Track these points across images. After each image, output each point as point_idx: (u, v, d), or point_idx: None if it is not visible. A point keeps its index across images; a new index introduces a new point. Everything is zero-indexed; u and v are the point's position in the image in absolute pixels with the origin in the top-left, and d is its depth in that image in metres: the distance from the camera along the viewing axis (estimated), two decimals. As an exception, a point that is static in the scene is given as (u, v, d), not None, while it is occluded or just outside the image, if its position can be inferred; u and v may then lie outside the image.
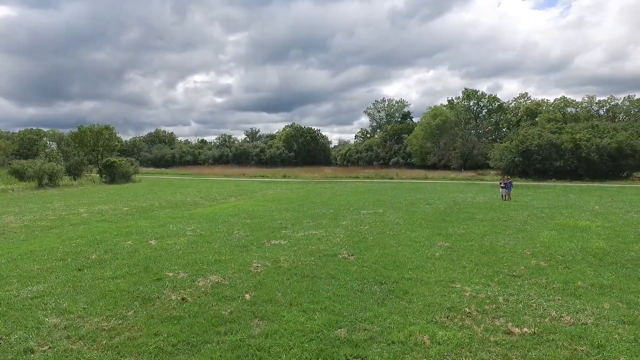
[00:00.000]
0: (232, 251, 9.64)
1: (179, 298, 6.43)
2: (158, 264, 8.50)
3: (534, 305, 6.08)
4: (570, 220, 14.01)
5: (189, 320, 5.59)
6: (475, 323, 5.44)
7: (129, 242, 10.68)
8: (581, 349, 4.69)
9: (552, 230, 12.27)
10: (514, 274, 7.70)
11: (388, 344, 4.86)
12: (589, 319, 5.54)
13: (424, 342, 4.89)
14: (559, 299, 6.31)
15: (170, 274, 7.73)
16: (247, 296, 6.50)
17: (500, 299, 6.35)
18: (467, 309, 5.90)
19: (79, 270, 8.10)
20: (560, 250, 9.54)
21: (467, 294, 6.57)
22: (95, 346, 4.84)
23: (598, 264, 8.39)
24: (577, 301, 6.23)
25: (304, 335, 5.09)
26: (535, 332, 5.12)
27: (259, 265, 8.35)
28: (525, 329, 5.20)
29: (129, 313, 5.84)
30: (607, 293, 6.60)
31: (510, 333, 5.11)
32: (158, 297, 6.48)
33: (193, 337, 5.06)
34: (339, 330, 5.24)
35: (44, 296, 6.54)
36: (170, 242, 10.67)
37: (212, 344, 4.89)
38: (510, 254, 9.28)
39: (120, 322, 5.54)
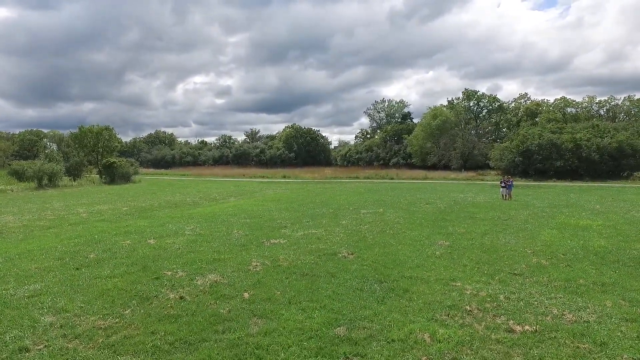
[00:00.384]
0: (231, 250, 9.58)
1: (177, 297, 6.36)
2: (156, 263, 8.44)
3: (536, 303, 6.01)
4: (571, 219, 13.95)
5: (186, 318, 5.53)
6: (476, 321, 5.37)
7: (128, 242, 10.62)
8: (584, 346, 4.63)
9: (553, 229, 12.21)
10: (515, 272, 7.64)
11: (388, 342, 4.80)
12: (591, 316, 5.48)
13: (425, 340, 4.82)
14: (560, 297, 6.25)
15: (169, 273, 7.67)
16: (246, 295, 6.44)
17: (502, 297, 6.28)
18: (467, 307, 5.84)
19: (77, 269, 8.04)
20: (561, 249, 9.48)
21: (468, 292, 6.51)
22: (91, 345, 4.78)
23: (600, 262, 8.33)
24: (579, 299, 6.16)
25: (302, 334, 5.03)
26: (537, 330, 5.06)
27: (258, 264, 8.29)
28: (527, 327, 5.13)
29: (126, 312, 5.78)
30: (609, 291, 6.54)
31: (511, 331, 5.05)
32: (156, 296, 6.42)
33: (191, 336, 5.00)
34: (338, 328, 5.18)
35: (40, 295, 6.48)
36: (169, 242, 10.61)
37: (209, 343, 4.83)
38: (511, 252, 9.22)
39: (117, 320, 5.47)
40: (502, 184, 22.06)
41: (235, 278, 7.35)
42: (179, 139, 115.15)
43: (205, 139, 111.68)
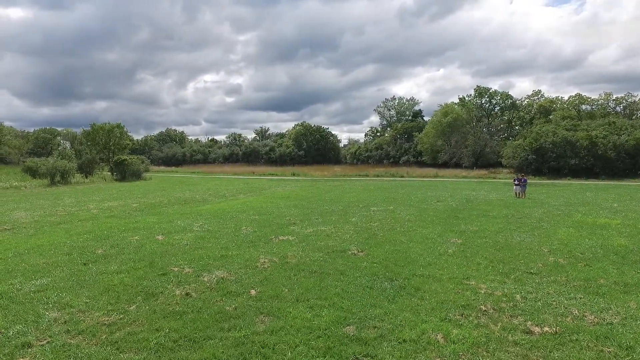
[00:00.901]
0: (239, 247, 9.46)
1: (183, 293, 6.25)
2: (164, 259, 8.35)
3: (554, 303, 5.75)
4: (588, 218, 13.53)
5: (192, 315, 5.40)
6: (492, 321, 5.14)
7: (136, 238, 10.58)
8: (608, 350, 4.37)
9: (569, 227, 11.84)
10: (531, 271, 7.36)
11: (399, 342, 4.60)
12: (615, 318, 5.19)
13: (438, 341, 4.61)
14: (580, 298, 5.97)
15: (176, 269, 7.57)
16: (253, 292, 6.29)
17: (518, 296, 6.03)
18: (482, 307, 5.60)
19: (84, 264, 7.99)
20: (579, 248, 9.14)
21: (482, 292, 6.27)
22: (94, 341, 4.67)
23: (620, 261, 7.99)
24: (601, 300, 5.87)
25: (310, 332, 4.86)
26: (557, 331, 4.80)
27: (266, 260, 8.14)
28: (546, 329, 4.88)
29: (131, 308, 5.68)
30: (632, 292, 6.23)
31: (529, 332, 4.80)
32: (162, 292, 6.31)
33: (195, 333, 4.86)
34: (348, 327, 4.99)
35: (46, 290, 6.42)
36: (177, 238, 10.54)
37: (214, 340, 4.69)
38: (526, 251, 8.93)
39: (121, 316, 5.37)
40: (516, 182, 21.61)
41: (243, 275, 7.21)
42: (190, 137, 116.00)
43: (216, 137, 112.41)
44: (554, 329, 4.87)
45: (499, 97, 66.27)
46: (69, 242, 10.07)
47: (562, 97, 64.67)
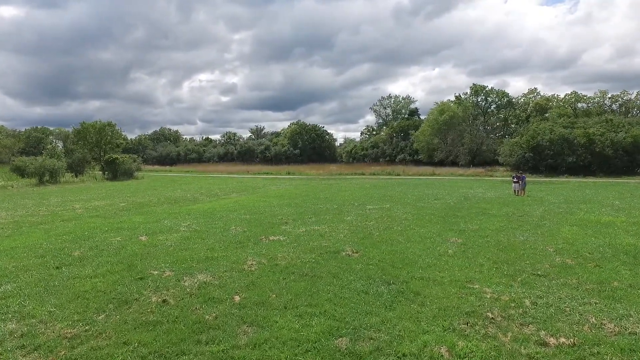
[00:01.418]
0: (226, 248, 8.88)
1: (159, 300, 5.67)
2: (144, 262, 7.76)
3: (568, 309, 5.23)
4: (591, 216, 13.07)
5: (166, 326, 4.83)
6: (501, 331, 4.61)
7: (118, 238, 9.97)
8: (635, 365, 3.85)
9: (573, 225, 11.37)
10: (539, 273, 6.85)
11: (398, 357, 4.07)
12: (637, 327, 4.67)
13: (442, 355, 4.08)
14: (595, 303, 5.45)
15: (155, 273, 6.99)
16: (237, 298, 5.73)
17: (527, 302, 5.51)
18: (489, 314, 5.07)
19: (57, 268, 7.38)
20: (586, 247, 8.65)
21: (488, 296, 5.74)
22: (50, 358, 4.09)
23: (632, 262, 7.50)
24: (618, 305, 5.36)
25: (298, 346, 4.31)
26: (575, 343, 4.28)
27: (253, 263, 7.58)
28: (562, 340, 4.35)
29: (100, 317, 5.09)
30: (651, 295, 5.73)
31: (544, 344, 4.28)
32: (136, 299, 5.73)
33: (168, 347, 4.29)
34: (340, 339, 4.45)
35: (9, 297, 5.82)
36: (162, 238, 9.94)
37: (188, 356, 4.12)
38: (531, 250, 8.42)
39: (87, 328, 4.78)
40: (515, 179, 21.18)
41: (227, 279, 6.64)
42: (184, 137, 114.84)
43: (211, 137, 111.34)
44: (572, 340, 4.35)
45: (495, 95, 65.87)
46: (45, 244, 9.44)
47: (557, 95, 64.54)
